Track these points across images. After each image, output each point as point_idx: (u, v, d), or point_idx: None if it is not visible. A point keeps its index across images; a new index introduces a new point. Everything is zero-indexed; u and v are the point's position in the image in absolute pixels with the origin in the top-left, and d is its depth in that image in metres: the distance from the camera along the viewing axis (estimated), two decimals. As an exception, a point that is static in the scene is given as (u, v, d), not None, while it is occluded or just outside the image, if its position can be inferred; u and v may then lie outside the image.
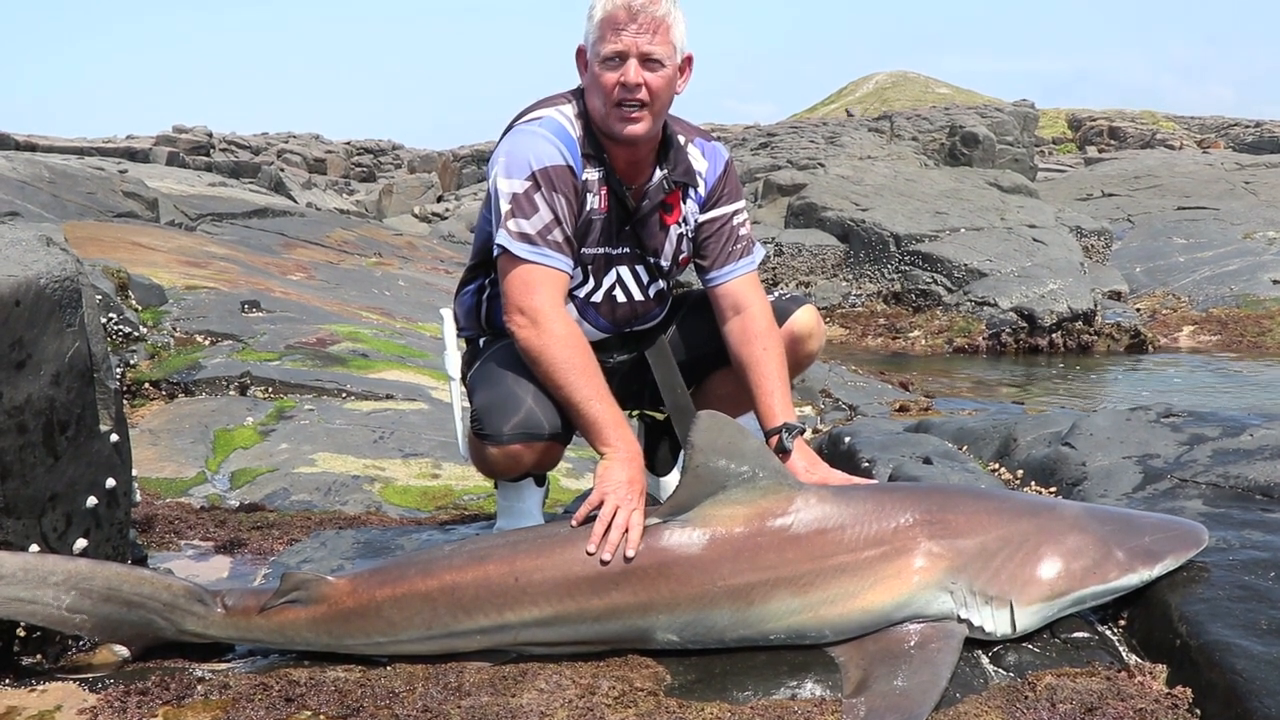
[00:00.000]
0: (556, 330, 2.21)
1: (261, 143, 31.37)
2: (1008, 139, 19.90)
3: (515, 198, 2.26)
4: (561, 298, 2.27)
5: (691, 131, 2.53)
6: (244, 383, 5.15)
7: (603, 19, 2.26)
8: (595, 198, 2.37)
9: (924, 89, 41.63)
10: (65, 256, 2.18)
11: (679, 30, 2.30)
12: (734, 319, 2.51)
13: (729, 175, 2.54)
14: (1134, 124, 36.43)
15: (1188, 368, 10.59)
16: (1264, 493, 2.60)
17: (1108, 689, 1.87)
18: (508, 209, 2.27)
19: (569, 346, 2.21)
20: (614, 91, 2.27)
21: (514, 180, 2.28)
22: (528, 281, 2.23)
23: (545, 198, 2.26)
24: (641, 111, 2.28)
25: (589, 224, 2.38)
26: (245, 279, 8.22)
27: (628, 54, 2.25)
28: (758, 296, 2.51)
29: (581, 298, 2.47)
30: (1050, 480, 3.13)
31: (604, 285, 2.48)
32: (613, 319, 2.52)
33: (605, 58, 2.26)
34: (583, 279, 2.44)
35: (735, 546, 2.02)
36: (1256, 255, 14.84)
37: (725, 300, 2.52)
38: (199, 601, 2.17)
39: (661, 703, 1.88)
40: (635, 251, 2.47)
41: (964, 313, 12.33)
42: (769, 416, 2.44)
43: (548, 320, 2.21)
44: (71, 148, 20.89)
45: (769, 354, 2.46)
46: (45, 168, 11.60)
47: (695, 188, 2.49)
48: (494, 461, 2.39)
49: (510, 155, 2.31)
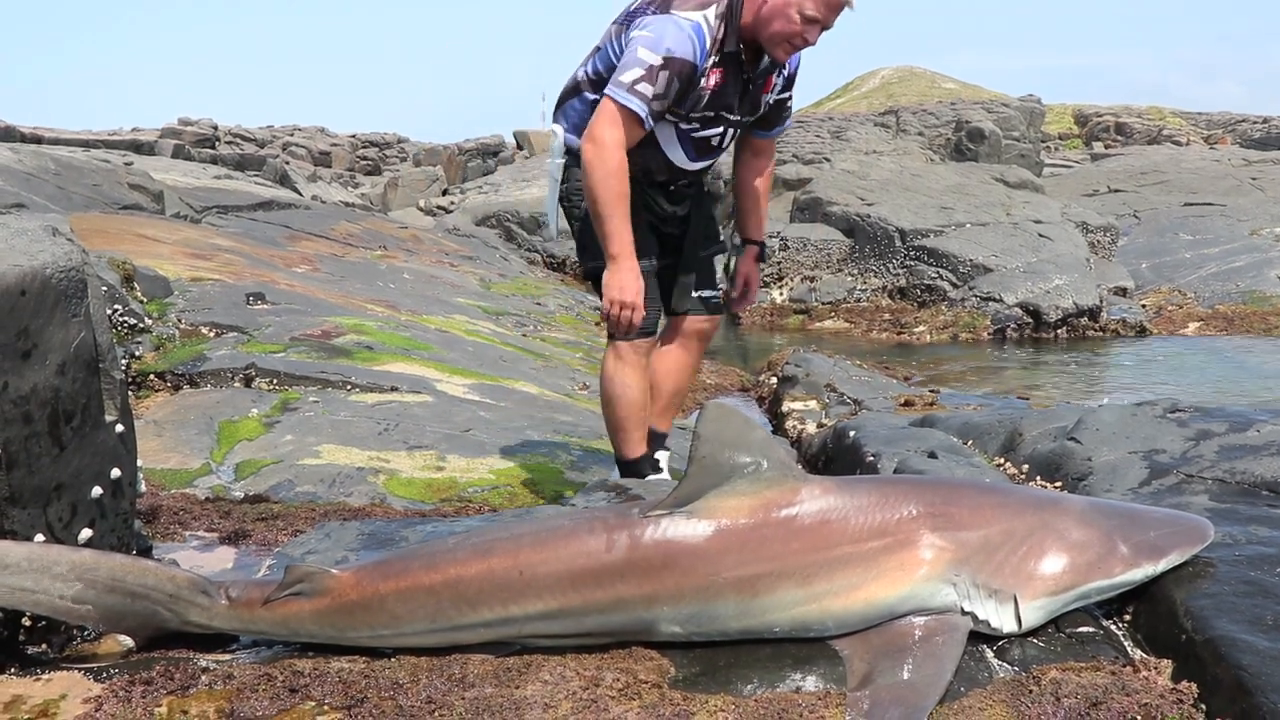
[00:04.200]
0: (613, 161, 2.91)
1: (267, 136, 31.32)
2: (1014, 134, 19.83)
3: (650, 68, 2.91)
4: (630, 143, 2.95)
5: None
6: (249, 374, 5.15)
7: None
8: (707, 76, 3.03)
9: (930, 84, 41.44)
10: (71, 247, 2.18)
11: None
12: (755, 159, 3.49)
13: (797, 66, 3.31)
14: (1141, 120, 36.29)
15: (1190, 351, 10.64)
16: (1270, 488, 2.59)
17: (1112, 684, 1.86)
18: (636, 72, 2.91)
19: (616, 175, 2.91)
20: (794, 36, 2.97)
21: (654, 53, 2.91)
22: (615, 121, 2.91)
23: (665, 77, 2.91)
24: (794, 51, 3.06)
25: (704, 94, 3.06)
26: (250, 271, 8.22)
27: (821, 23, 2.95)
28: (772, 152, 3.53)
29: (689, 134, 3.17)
30: (1055, 475, 3.13)
31: (707, 131, 3.18)
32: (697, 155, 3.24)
33: (808, 16, 2.92)
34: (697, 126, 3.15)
35: (740, 538, 2.02)
36: (1263, 252, 14.79)
37: (758, 147, 3.47)
38: (203, 593, 2.17)
39: (665, 695, 1.88)
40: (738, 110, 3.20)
41: (969, 308, 12.31)
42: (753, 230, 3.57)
43: (611, 151, 2.91)
44: (77, 140, 20.89)
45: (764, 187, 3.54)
46: (51, 160, 11.60)
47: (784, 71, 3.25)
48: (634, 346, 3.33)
49: (657, 34, 2.94)
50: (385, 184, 27.72)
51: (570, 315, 10.75)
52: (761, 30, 3.01)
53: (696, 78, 2.99)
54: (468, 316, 8.66)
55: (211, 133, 26.99)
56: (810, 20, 2.94)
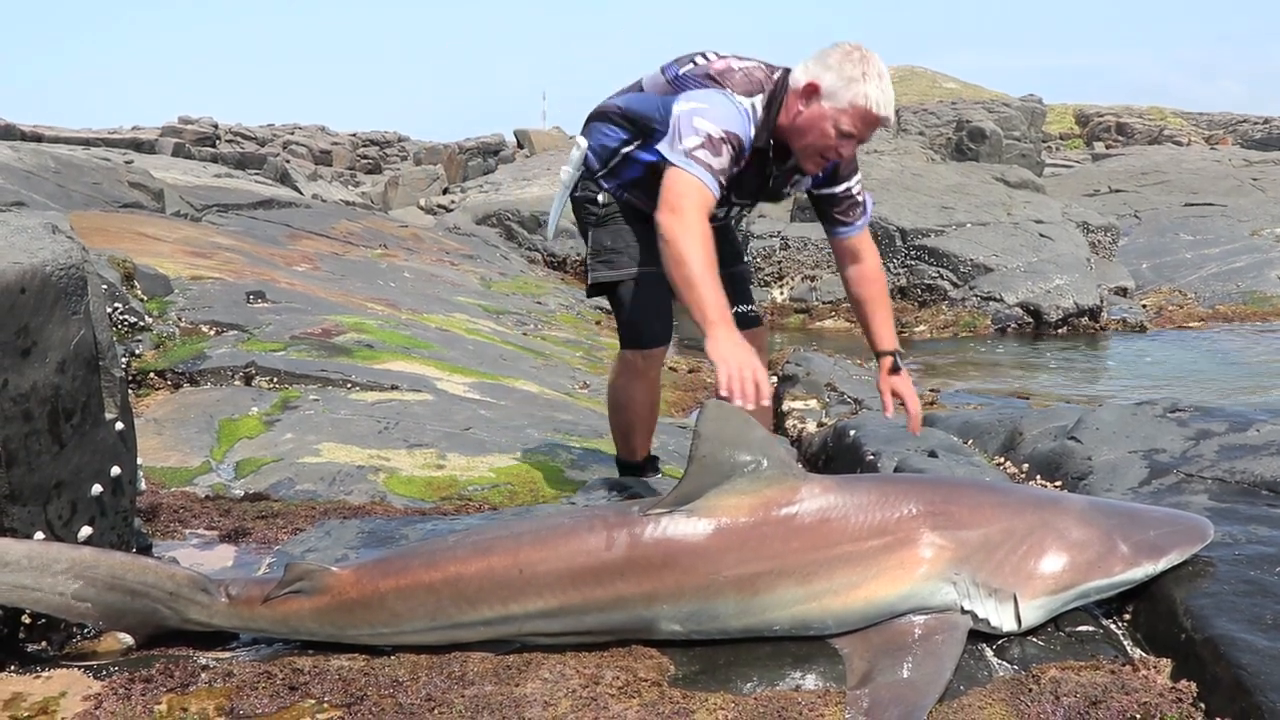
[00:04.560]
0: (696, 226, 2.69)
1: (267, 134, 31.31)
2: (1015, 134, 19.84)
3: (710, 137, 2.77)
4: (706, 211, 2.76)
5: None
6: (249, 373, 5.15)
7: (864, 108, 2.77)
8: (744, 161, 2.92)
9: (931, 84, 41.47)
10: (71, 244, 2.18)
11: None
12: (853, 266, 3.21)
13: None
14: (1141, 120, 36.29)
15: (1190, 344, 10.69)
16: (1270, 488, 2.59)
17: (1112, 682, 1.86)
18: (696, 140, 2.77)
19: (701, 241, 2.67)
20: (827, 150, 2.86)
21: (712, 125, 2.78)
22: (688, 191, 2.73)
23: (730, 151, 2.79)
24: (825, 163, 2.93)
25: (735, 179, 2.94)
26: (251, 270, 8.21)
27: (857, 138, 2.82)
28: (869, 249, 3.22)
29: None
30: (1056, 474, 3.13)
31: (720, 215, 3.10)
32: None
33: (843, 130, 2.80)
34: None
35: (740, 536, 2.02)
36: (1264, 252, 14.79)
37: (845, 251, 3.21)
38: (203, 591, 2.17)
39: (665, 693, 1.88)
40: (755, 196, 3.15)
41: (970, 307, 12.30)
42: (881, 341, 3.18)
43: (692, 218, 2.70)
44: (77, 138, 20.88)
45: (879, 294, 3.21)
46: (51, 158, 11.60)
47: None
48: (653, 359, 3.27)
49: (714, 107, 2.83)
50: (386, 183, 27.71)
51: (570, 314, 10.75)
52: (795, 138, 2.91)
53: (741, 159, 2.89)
54: (468, 315, 8.66)
55: (212, 131, 26.99)
56: (846, 135, 2.82)
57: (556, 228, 3.62)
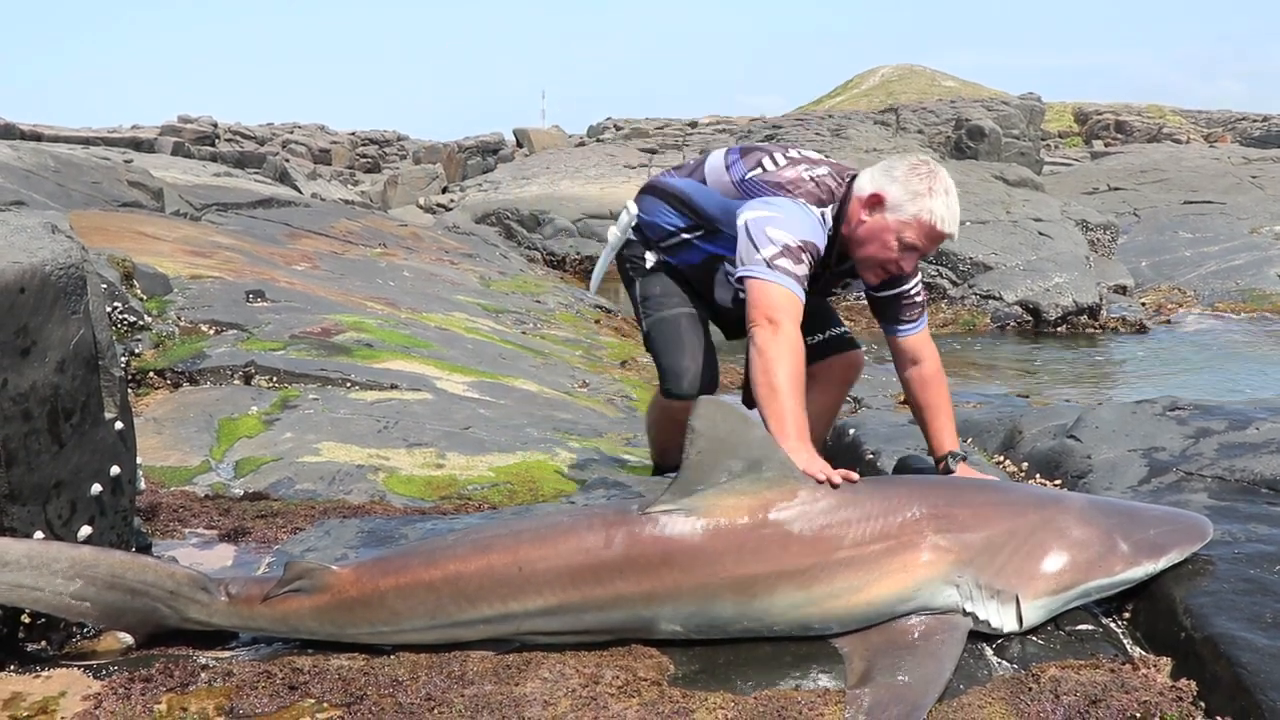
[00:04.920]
0: (791, 340, 2.61)
1: (267, 133, 31.31)
2: (1014, 132, 19.85)
3: (788, 247, 2.72)
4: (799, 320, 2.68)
5: None
6: (248, 372, 5.15)
7: (929, 223, 2.70)
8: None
9: (930, 82, 41.52)
10: (70, 244, 2.18)
11: None
12: (912, 368, 3.02)
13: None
14: (1141, 118, 36.30)
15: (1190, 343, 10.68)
16: (1270, 486, 2.59)
17: (1112, 681, 1.86)
18: (774, 249, 2.72)
19: (793, 355, 2.59)
20: (889, 263, 2.79)
21: (789, 235, 2.73)
22: (779, 301, 2.66)
23: (809, 259, 2.75)
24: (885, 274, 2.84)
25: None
26: (250, 269, 8.21)
27: (919, 250, 2.75)
28: (929, 350, 3.04)
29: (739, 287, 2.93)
30: (1055, 473, 3.13)
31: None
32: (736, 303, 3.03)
33: (907, 243, 2.73)
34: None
35: (739, 538, 2.02)
36: (1263, 250, 14.79)
37: (904, 352, 3.03)
38: (202, 590, 2.17)
39: (665, 693, 1.88)
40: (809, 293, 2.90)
41: (969, 306, 12.31)
42: (938, 446, 2.96)
43: (788, 330, 2.62)
44: (77, 137, 20.88)
45: (939, 398, 2.99)
46: (50, 157, 11.59)
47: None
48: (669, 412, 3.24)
49: (789, 216, 2.78)
50: (385, 181, 27.70)
51: (570, 313, 10.74)
52: (855, 249, 2.83)
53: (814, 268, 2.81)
54: (467, 314, 8.66)
55: (211, 130, 26.98)
56: (909, 248, 2.74)
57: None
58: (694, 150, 23.90)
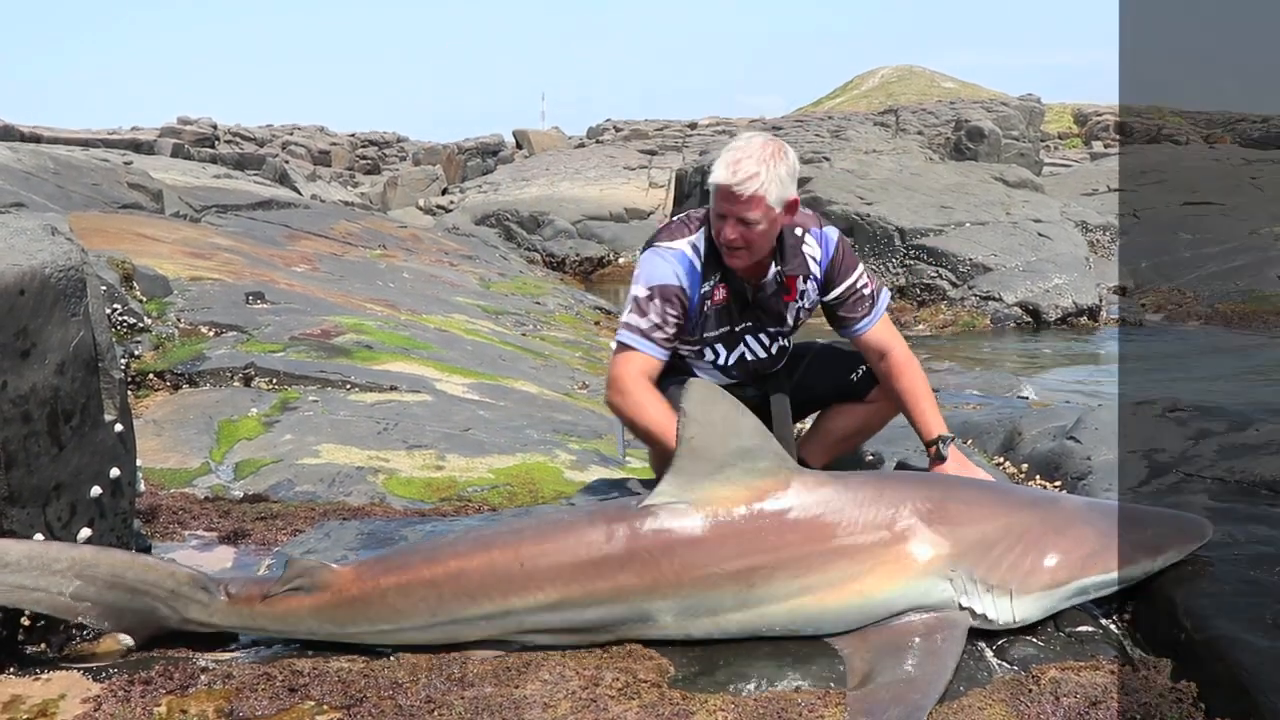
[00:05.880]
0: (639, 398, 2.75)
1: (266, 135, 31.33)
2: (1013, 134, 19.85)
3: (635, 300, 2.82)
4: (648, 377, 2.79)
5: (809, 222, 2.95)
6: (248, 374, 5.15)
7: (715, 185, 2.72)
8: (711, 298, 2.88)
9: (930, 83, 41.55)
10: (70, 246, 2.18)
11: (775, 194, 2.70)
12: (881, 361, 2.96)
13: (841, 254, 2.95)
14: (1140, 119, 36.31)
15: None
16: (1270, 488, 2.59)
17: (1112, 683, 1.86)
18: (627, 310, 2.84)
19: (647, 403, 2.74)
20: (719, 237, 2.77)
21: (638, 288, 2.83)
22: (625, 364, 2.79)
23: (659, 303, 2.79)
24: (739, 253, 2.77)
25: (709, 317, 2.91)
26: (250, 270, 8.22)
27: (728, 216, 2.71)
28: (893, 338, 2.97)
29: (719, 364, 2.99)
30: (1055, 474, 3.13)
31: (736, 351, 2.98)
32: (746, 372, 3.03)
33: (717, 213, 2.75)
34: (715, 354, 2.98)
35: (737, 528, 2.03)
36: (1263, 251, 14.79)
37: (869, 347, 2.97)
38: (202, 589, 2.17)
39: (665, 694, 1.88)
40: (757, 324, 2.97)
41: (969, 307, 12.32)
42: (925, 431, 2.90)
43: (633, 392, 2.76)
44: (76, 139, 20.89)
45: (915, 382, 2.93)
46: (50, 159, 11.60)
47: (811, 273, 2.93)
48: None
49: (641, 271, 2.87)
50: (385, 183, 27.73)
51: (570, 314, 10.75)
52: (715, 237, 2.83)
53: (692, 299, 2.85)
54: (467, 316, 8.66)
55: (211, 132, 27.00)
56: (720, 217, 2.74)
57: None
58: (693, 152, 23.90)
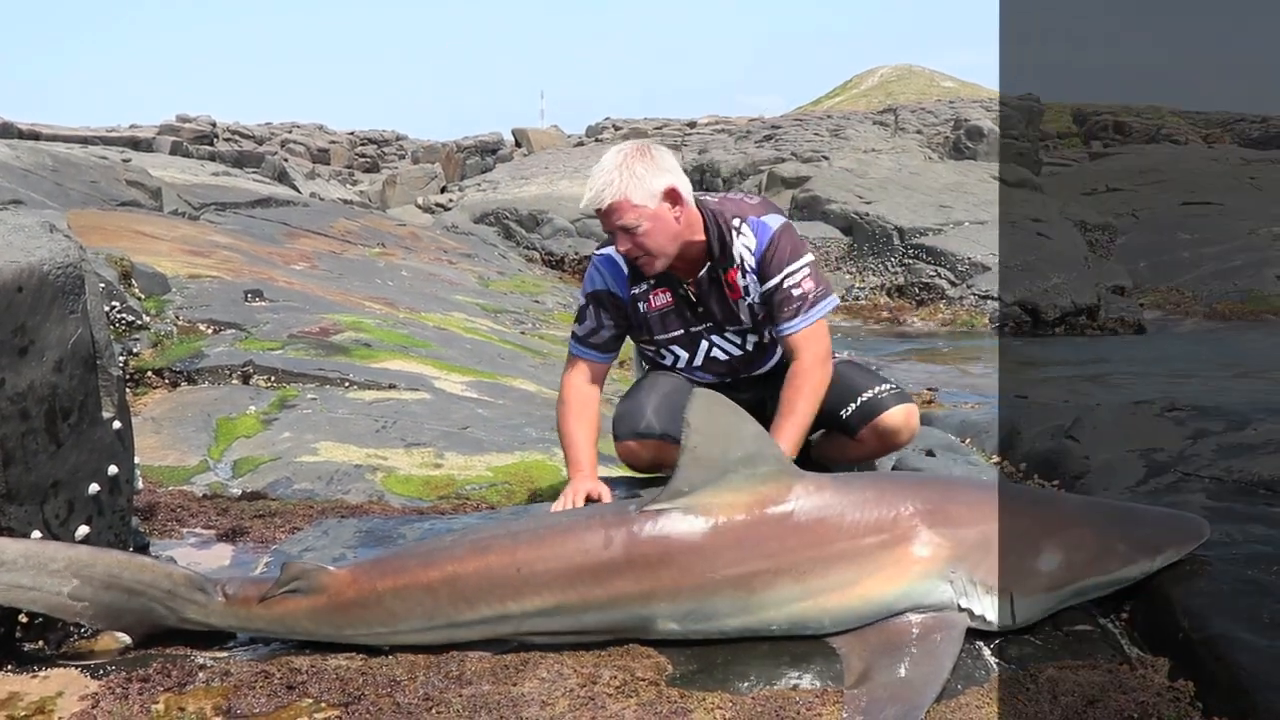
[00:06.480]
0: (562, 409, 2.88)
1: (265, 133, 31.29)
2: (1012, 133, 19.85)
3: (578, 308, 2.97)
4: (586, 379, 2.91)
5: (747, 211, 2.85)
6: (247, 371, 5.14)
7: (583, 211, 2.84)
8: (647, 301, 2.90)
9: (929, 82, 41.53)
10: (68, 243, 2.18)
11: (640, 191, 2.66)
12: (790, 365, 2.81)
13: (776, 245, 2.81)
14: (1139, 119, 36.30)
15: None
16: (1268, 487, 2.59)
17: (1109, 681, 1.86)
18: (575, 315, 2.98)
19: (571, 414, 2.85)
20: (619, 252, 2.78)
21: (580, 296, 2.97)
22: (566, 372, 2.94)
23: (592, 312, 2.92)
24: (644, 260, 2.73)
25: (653, 319, 2.92)
26: (248, 268, 8.21)
27: (611, 232, 2.72)
28: (807, 349, 2.78)
29: (687, 366, 3.00)
30: (1053, 473, 3.13)
31: (700, 352, 2.96)
32: (721, 372, 2.98)
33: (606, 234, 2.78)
34: (677, 356, 2.99)
35: (736, 534, 2.03)
36: (1261, 251, 14.80)
37: (787, 350, 2.84)
38: (199, 590, 2.17)
39: (663, 692, 1.88)
40: (715, 324, 2.92)
41: (967, 306, 12.33)
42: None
43: (563, 401, 2.89)
44: (75, 136, 20.87)
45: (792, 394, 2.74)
46: (49, 156, 11.58)
47: (746, 265, 2.83)
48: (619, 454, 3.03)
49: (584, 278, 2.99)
50: (384, 181, 27.70)
51: (568, 313, 10.74)
52: None
53: (627, 301, 2.89)
54: (466, 314, 8.65)
55: (210, 129, 26.96)
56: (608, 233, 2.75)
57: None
58: (692, 150, 23.89)
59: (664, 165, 2.71)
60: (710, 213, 2.82)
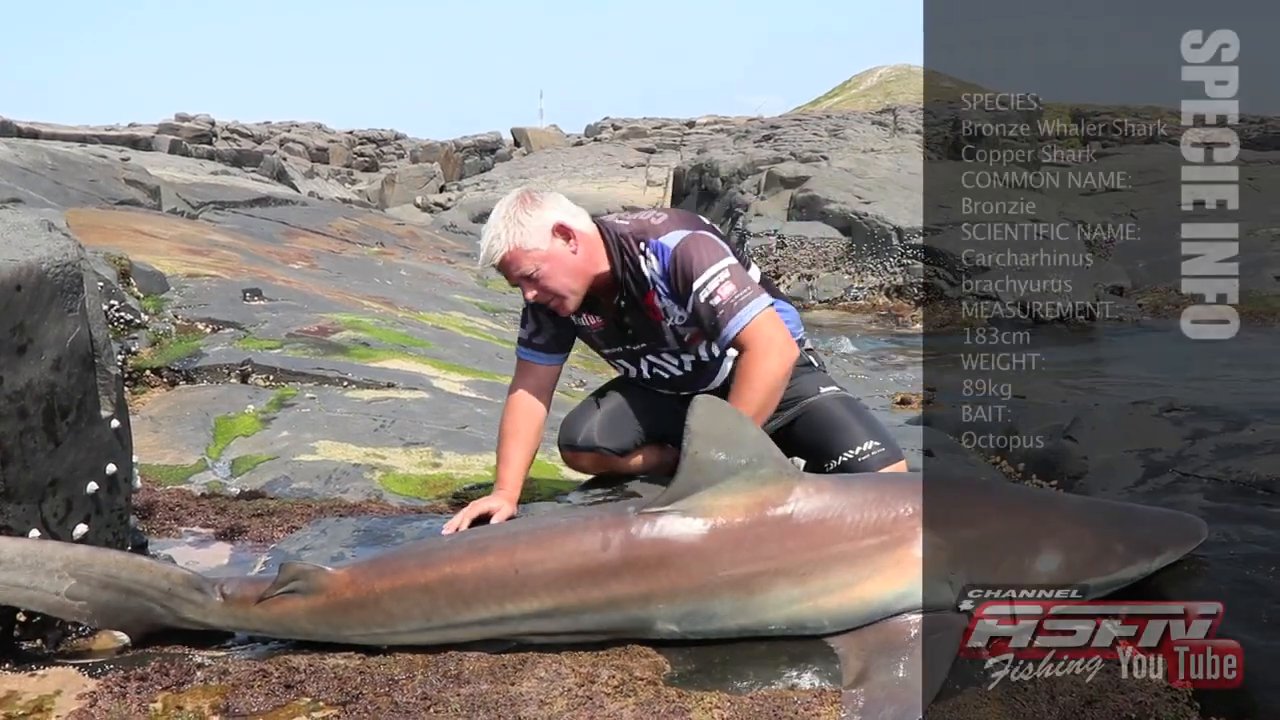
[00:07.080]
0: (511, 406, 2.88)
1: (264, 131, 31.30)
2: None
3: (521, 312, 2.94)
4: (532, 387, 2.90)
5: (648, 232, 2.74)
6: (245, 370, 5.15)
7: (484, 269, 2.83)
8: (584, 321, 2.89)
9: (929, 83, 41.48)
10: (67, 242, 2.18)
11: (529, 237, 2.65)
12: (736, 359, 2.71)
13: (678, 264, 2.68)
14: (1139, 119, 36.34)
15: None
16: (1266, 487, 2.59)
17: (1108, 682, 1.86)
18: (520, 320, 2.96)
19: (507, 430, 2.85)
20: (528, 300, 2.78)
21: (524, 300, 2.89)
22: (516, 373, 2.95)
23: (532, 315, 2.89)
24: (556, 300, 2.73)
25: (595, 336, 2.93)
26: (247, 267, 8.21)
27: (516, 283, 2.73)
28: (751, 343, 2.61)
29: (638, 378, 3.00)
30: (1052, 473, 3.13)
31: (643, 369, 2.95)
32: (672, 386, 2.96)
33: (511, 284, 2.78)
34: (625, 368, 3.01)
35: (735, 536, 2.02)
36: (1259, 251, 14.78)
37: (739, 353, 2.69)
38: (197, 590, 2.17)
39: (661, 692, 1.88)
40: (649, 345, 2.89)
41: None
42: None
43: (510, 400, 2.90)
44: (74, 135, 20.88)
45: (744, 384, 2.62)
46: (48, 155, 11.58)
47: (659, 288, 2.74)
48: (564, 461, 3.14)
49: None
50: (382, 180, 27.70)
51: (567, 312, 10.74)
52: None
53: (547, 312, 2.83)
54: (465, 313, 8.65)
55: (209, 128, 26.97)
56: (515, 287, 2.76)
57: None
58: (691, 150, 23.89)
59: (547, 205, 2.69)
60: (617, 238, 2.75)
